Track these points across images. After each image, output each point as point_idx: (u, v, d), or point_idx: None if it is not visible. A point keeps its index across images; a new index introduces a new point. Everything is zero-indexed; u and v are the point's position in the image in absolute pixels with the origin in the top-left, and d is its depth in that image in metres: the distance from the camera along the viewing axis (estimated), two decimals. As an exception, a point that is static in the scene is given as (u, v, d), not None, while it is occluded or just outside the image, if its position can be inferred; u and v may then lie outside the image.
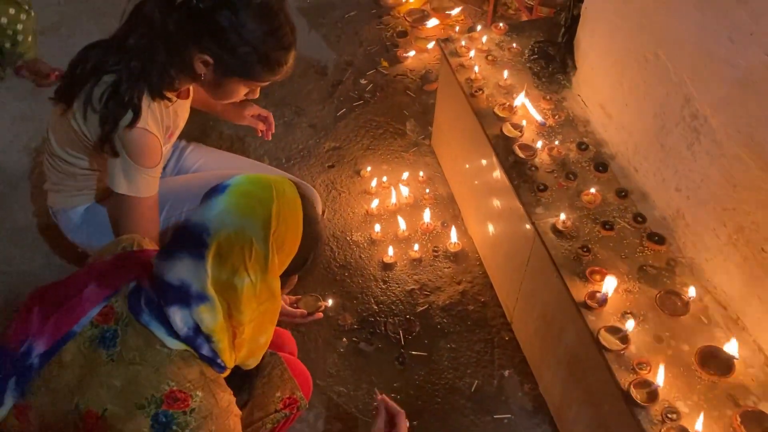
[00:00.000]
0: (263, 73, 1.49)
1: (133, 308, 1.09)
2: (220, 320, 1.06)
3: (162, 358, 1.06)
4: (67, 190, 1.75)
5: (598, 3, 1.96)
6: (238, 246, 1.05)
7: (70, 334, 1.09)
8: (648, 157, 1.80)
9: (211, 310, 1.05)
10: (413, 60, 3.04)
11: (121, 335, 1.07)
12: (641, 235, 1.74)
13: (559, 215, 1.76)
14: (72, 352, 1.08)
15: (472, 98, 2.11)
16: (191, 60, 1.46)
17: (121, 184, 1.53)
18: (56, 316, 1.11)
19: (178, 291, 1.05)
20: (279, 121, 2.73)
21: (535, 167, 1.89)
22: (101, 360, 1.06)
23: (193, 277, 1.05)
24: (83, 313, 1.10)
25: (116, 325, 1.08)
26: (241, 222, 1.06)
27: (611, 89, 1.93)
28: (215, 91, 1.55)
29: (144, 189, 1.56)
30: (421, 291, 2.17)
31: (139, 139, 1.48)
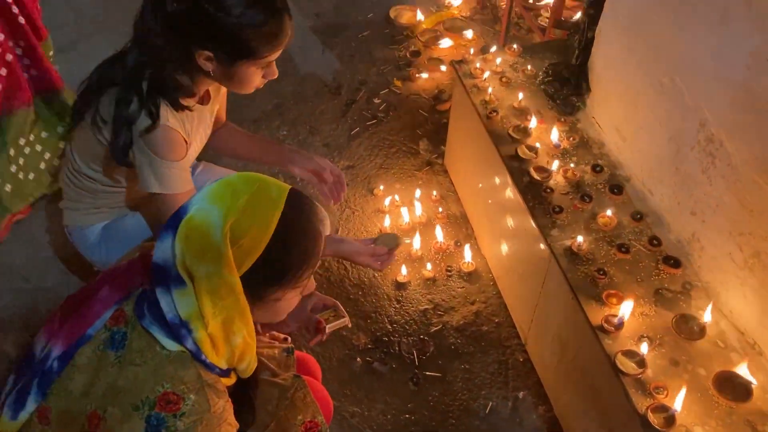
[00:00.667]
0: (263, 48, 1.44)
1: (138, 311, 1.10)
2: (195, 308, 1.04)
3: (160, 359, 1.06)
4: (85, 207, 1.76)
5: (612, 26, 1.98)
6: (199, 231, 1.04)
7: (85, 337, 1.11)
8: (663, 180, 1.81)
9: (187, 294, 1.04)
10: (426, 80, 3.06)
11: (128, 337, 1.09)
12: (657, 258, 1.75)
13: (574, 238, 1.77)
14: (87, 354, 1.09)
15: (486, 120, 2.12)
16: (195, 60, 1.46)
17: (152, 183, 1.53)
18: (72, 319, 1.14)
19: (161, 272, 1.06)
20: (293, 140, 2.76)
21: (550, 189, 1.90)
22: (109, 361, 1.08)
23: (172, 257, 1.05)
24: (97, 317, 1.12)
25: (125, 327, 1.10)
26: (207, 206, 1.06)
27: (626, 112, 1.94)
28: (231, 83, 1.54)
29: (176, 184, 1.54)
30: (435, 311, 2.18)
31: (160, 134, 1.48)
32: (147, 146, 1.48)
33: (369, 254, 1.67)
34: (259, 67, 1.50)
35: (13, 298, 2.16)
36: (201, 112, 1.65)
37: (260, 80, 1.55)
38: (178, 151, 1.53)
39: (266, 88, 2.89)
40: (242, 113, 2.85)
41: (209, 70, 1.47)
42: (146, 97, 1.46)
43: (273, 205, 1.08)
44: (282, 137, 2.76)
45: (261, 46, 1.44)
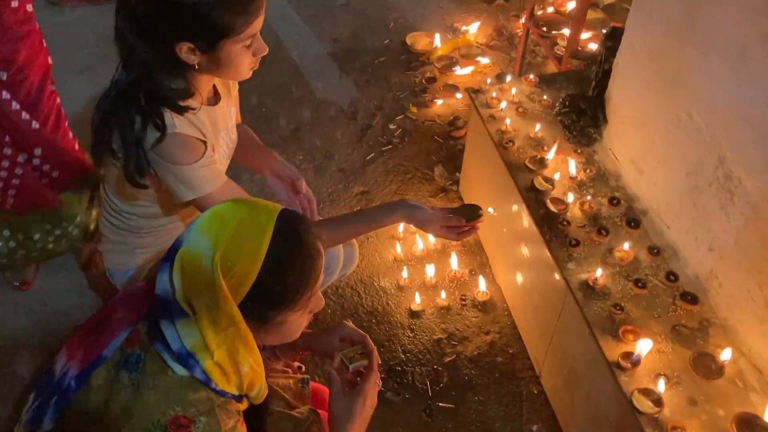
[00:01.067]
0: (238, 21, 1.37)
1: (151, 335, 1.10)
2: (199, 339, 1.05)
3: (171, 383, 1.07)
4: (129, 249, 1.72)
5: (629, 59, 1.98)
6: (192, 264, 1.04)
7: (101, 358, 1.11)
8: (680, 215, 1.80)
9: (190, 325, 1.05)
10: (441, 106, 3.08)
11: (143, 360, 1.09)
12: (674, 294, 1.74)
13: (591, 272, 1.77)
14: (102, 376, 1.10)
15: (502, 150, 2.13)
16: (179, 58, 1.41)
17: (184, 191, 1.49)
18: (89, 340, 1.14)
19: (164, 303, 1.06)
20: (309, 165, 2.78)
21: (566, 221, 1.90)
22: (123, 384, 1.08)
23: (171, 289, 1.06)
24: (112, 338, 1.12)
25: (140, 349, 1.10)
26: (198, 238, 1.06)
27: (643, 145, 1.94)
28: (223, 70, 1.48)
29: (206, 184, 1.50)
30: (449, 340, 2.17)
31: (170, 142, 1.44)
32: (163, 159, 1.45)
33: (443, 224, 1.58)
34: (243, 45, 1.43)
35: (29, 320, 2.18)
36: (212, 112, 1.60)
37: (251, 59, 1.49)
38: (195, 152, 1.48)
39: (283, 113, 2.98)
40: (259, 138, 2.86)
41: (195, 62, 1.42)
42: (147, 112, 1.42)
43: (261, 231, 1.07)
44: (298, 162, 2.78)
45: (235, 20, 1.37)
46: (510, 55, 3.36)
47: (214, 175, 1.51)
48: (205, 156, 1.48)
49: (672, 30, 1.75)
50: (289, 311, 1.12)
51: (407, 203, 1.60)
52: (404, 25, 3.60)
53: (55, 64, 2.06)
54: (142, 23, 1.37)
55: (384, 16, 3.68)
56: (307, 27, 3.58)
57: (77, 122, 2.23)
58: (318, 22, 3.62)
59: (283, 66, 3.29)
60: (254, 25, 1.41)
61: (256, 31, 1.44)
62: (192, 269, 1.04)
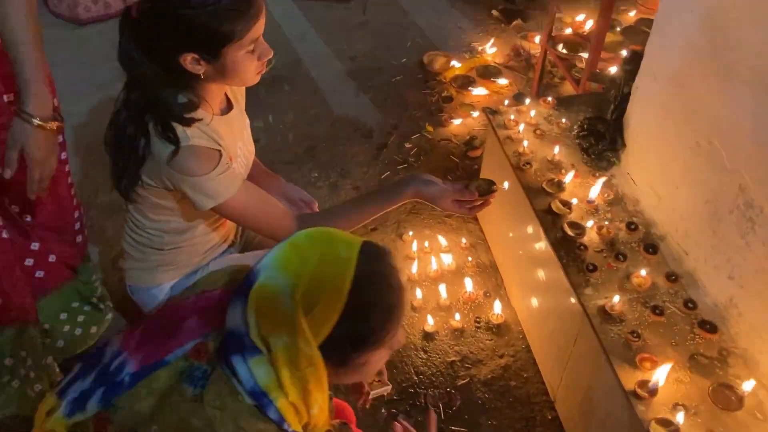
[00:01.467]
0: (238, 26, 1.37)
1: (221, 354, 1.06)
2: (273, 378, 1.00)
3: (242, 409, 1.02)
4: (152, 266, 1.72)
5: (649, 84, 1.97)
6: (269, 300, 1.00)
7: (163, 362, 1.07)
8: (699, 242, 1.78)
9: (264, 364, 1.00)
10: (458, 125, 3.08)
11: (211, 376, 1.04)
12: (692, 322, 1.71)
13: (608, 297, 1.75)
14: (162, 380, 1.06)
15: (519, 172, 2.12)
16: (185, 69, 1.41)
17: (204, 201, 1.48)
18: (153, 341, 1.11)
19: (236, 339, 1.02)
20: (324, 183, 2.78)
21: (584, 246, 1.88)
22: (185, 396, 1.04)
23: (244, 325, 1.01)
24: (179, 345, 1.08)
25: (207, 364, 1.06)
26: (275, 274, 1.02)
27: (662, 170, 1.93)
28: (229, 77, 1.47)
29: (225, 189, 1.49)
30: (463, 363, 2.15)
31: (185, 155, 1.44)
32: (179, 172, 1.45)
33: (455, 198, 1.55)
34: (246, 50, 1.43)
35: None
36: (226, 121, 1.60)
37: (257, 64, 1.48)
38: (211, 162, 1.47)
39: (299, 131, 2.99)
40: (275, 155, 2.89)
41: (201, 72, 1.42)
42: (158, 129, 1.43)
43: (343, 266, 1.01)
44: (313, 180, 2.78)
45: (234, 25, 1.37)
46: (527, 76, 3.36)
47: (231, 182, 1.51)
48: (220, 164, 1.48)
49: (693, 55, 1.74)
50: (374, 350, 1.06)
51: (419, 177, 1.56)
52: (422, 45, 3.62)
53: (75, 79, 2.06)
54: (145, 38, 1.38)
55: (402, 35, 3.71)
56: (325, 45, 3.61)
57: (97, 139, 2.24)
58: (336, 40, 3.64)
59: (300, 84, 3.31)
60: (255, 29, 1.41)
61: (258, 35, 1.44)
62: (269, 307, 1.00)
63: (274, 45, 1.49)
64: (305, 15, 3.85)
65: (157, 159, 1.44)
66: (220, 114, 1.58)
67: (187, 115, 1.45)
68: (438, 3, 4.01)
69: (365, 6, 3.93)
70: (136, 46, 1.39)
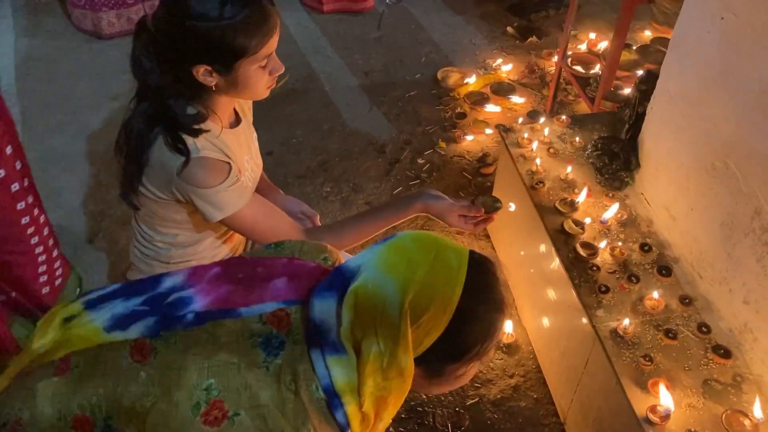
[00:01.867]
0: (252, 41, 1.39)
1: (309, 335, 1.00)
2: (352, 380, 0.96)
3: (314, 401, 0.97)
4: None
5: (664, 104, 1.96)
6: (371, 303, 0.95)
7: (235, 312, 1.01)
8: (714, 265, 1.76)
9: (345, 365, 0.96)
10: (471, 142, 3.07)
11: (287, 349, 0.99)
12: (706, 346, 1.69)
13: (620, 320, 1.73)
14: (229, 330, 1.00)
15: (532, 191, 2.11)
16: (197, 80, 1.42)
17: (213, 212, 1.49)
18: (233, 287, 1.05)
19: (318, 332, 0.98)
20: (336, 197, 2.78)
21: (596, 267, 1.86)
22: (255, 361, 0.98)
23: (333, 321, 0.97)
24: (259, 301, 1.03)
25: (285, 335, 1.00)
26: (382, 278, 0.97)
27: (676, 192, 1.91)
28: (240, 90, 1.48)
29: (234, 202, 1.50)
30: (472, 382, 2.13)
31: (195, 167, 1.44)
32: (189, 183, 1.45)
33: (461, 214, 1.57)
34: (259, 65, 1.44)
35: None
36: (234, 135, 1.60)
37: (268, 78, 1.49)
38: (221, 174, 1.48)
39: (312, 145, 3.00)
40: (288, 168, 2.89)
41: (213, 84, 1.44)
42: (168, 140, 1.43)
43: (454, 277, 0.97)
44: (325, 194, 2.78)
45: (249, 40, 1.39)
46: (542, 93, 3.35)
47: (241, 194, 1.52)
48: (230, 176, 1.49)
49: (709, 76, 1.73)
50: (471, 363, 1.03)
51: (428, 193, 1.59)
52: (436, 60, 3.62)
53: (91, 90, 2.07)
54: (159, 48, 1.39)
55: (416, 50, 3.71)
56: (339, 59, 3.62)
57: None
58: (351, 54, 3.66)
59: (314, 98, 3.32)
60: (269, 45, 1.43)
61: (272, 50, 1.45)
62: (371, 310, 0.95)
63: (289, 58, 1.51)
64: (320, 29, 3.87)
65: (167, 170, 1.44)
66: (229, 127, 1.59)
67: (196, 126, 1.46)
68: (453, 19, 4.02)
69: (380, 21, 3.94)
70: (149, 56, 1.40)
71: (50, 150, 2.94)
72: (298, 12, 4.05)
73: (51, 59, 3.55)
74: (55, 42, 3.68)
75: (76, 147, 2.95)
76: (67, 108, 3.17)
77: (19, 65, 3.49)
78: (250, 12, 1.37)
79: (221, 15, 1.34)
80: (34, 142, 2.97)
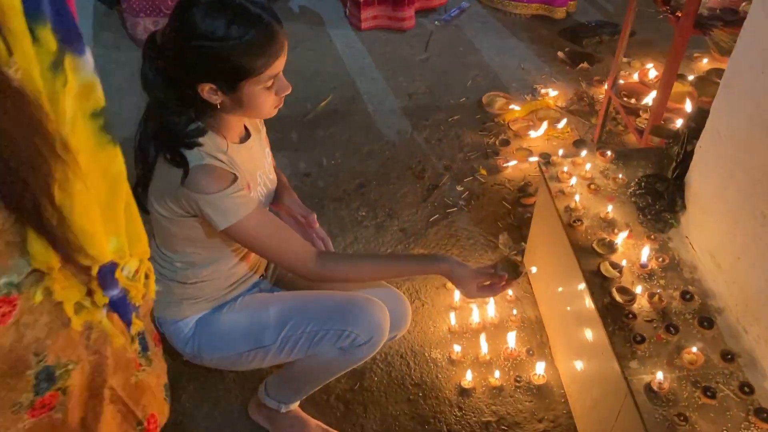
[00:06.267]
0: (257, 63, 1.40)
1: None
2: None
3: None
4: (177, 300, 1.72)
5: (713, 144, 1.85)
6: None
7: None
8: (760, 319, 1.65)
9: None
10: (513, 170, 2.99)
11: None
12: (748, 408, 1.57)
13: (655, 374, 1.62)
14: None
15: (569, 228, 2.02)
16: (202, 98, 1.43)
17: (218, 220, 1.48)
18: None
19: None
20: (370, 223, 2.73)
21: (632, 315, 1.76)
22: None
23: None
24: None
25: None
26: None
27: (722, 238, 1.80)
28: (245, 109, 1.49)
29: (237, 210, 1.48)
30: (499, 425, 2.05)
31: (197, 173, 1.45)
32: (193, 191, 1.46)
33: (483, 282, 1.60)
34: (263, 86, 1.45)
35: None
36: (243, 150, 1.61)
37: (274, 98, 1.50)
38: (223, 181, 1.47)
39: (351, 167, 2.96)
40: (324, 192, 2.87)
41: (218, 102, 1.45)
42: (166, 155, 1.46)
43: None
44: (360, 218, 2.74)
45: (254, 62, 1.39)
46: (590, 122, 3.25)
47: (245, 202, 1.51)
48: (233, 185, 1.49)
49: (760, 119, 1.62)
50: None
51: (455, 259, 1.61)
52: (482, 84, 3.56)
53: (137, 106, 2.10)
54: (166, 65, 1.42)
55: (463, 73, 3.66)
56: (384, 81, 3.59)
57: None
58: (395, 76, 3.63)
59: (356, 119, 3.30)
60: (274, 67, 1.43)
61: (277, 71, 1.46)
62: None
63: (335, 79, 1.50)
64: (368, 49, 3.86)
65: (172, 182, 1.47)
66: (238, 142, 1.60)
67: (194, 140, 1.47)
68: (502, 42, 3.95)
69: (428, 43, 3.90)
70: (157, 72, 1.43)
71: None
72: (346, 30, 4.05)
73: (104, 72, 3.62)
74: (110, 54, 3.77)
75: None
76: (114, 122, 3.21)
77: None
78: (257, 33, 1.38)
79: (227, 35, 1.35)
80: (79, 154, 3.02)
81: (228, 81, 1.42)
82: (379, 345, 1.72)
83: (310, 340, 1.68)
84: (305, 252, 1.58)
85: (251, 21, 1.37)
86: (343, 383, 2.13)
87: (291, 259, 1.58)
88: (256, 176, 1.65)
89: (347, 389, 2.13)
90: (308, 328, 1.68)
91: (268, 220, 1.56)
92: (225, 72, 1.40)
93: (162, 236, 1.66)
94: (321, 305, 1.72)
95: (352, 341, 1.66)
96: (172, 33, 1.39)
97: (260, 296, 1.82)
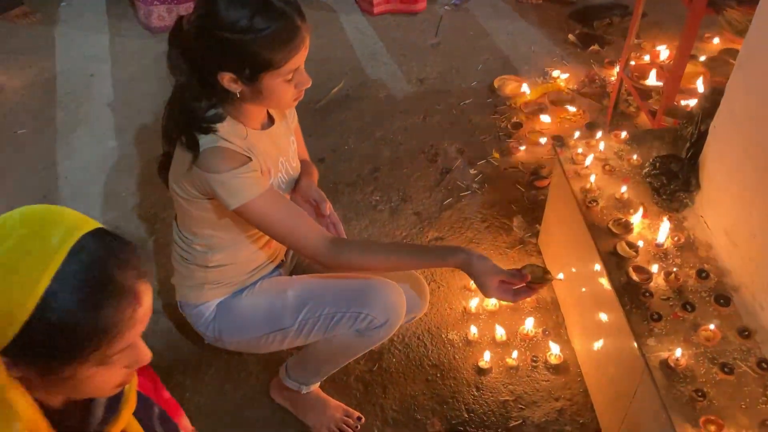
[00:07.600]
0: (279, 56, 1.41)
1: None
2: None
3: None
4: (198, 283, 1.74)
5: (728, 124, 1.86)
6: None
7: None
8: (777, 296, 1.66)
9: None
10: (525, 153, 3.00)
11: None
12: (765, 383, 1.59)
13: (672, 351, 1.65)
14: None
15: (585, 209, 2.04)
16: (222, 86, 1.45)
17: (229, 200, 1.49)
18: None
19: None
20: (385, 207, 2.76)
21: (649, 293, 1.78)
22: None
23: None
24: None
25: None
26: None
27: (738, 216, 1.81)
28: (264, 100, 1.51)
29: (247, 190, 1.49)
30: (516, 404, 2.08)
31: (208, 153, 1.48)
32: (205, 171, 1.48)
33: (503, 280, 1.49)
34: (283, 78, 1.46)
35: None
36: (264, 137, 1.63)
37: (294, 91, 1.51)
38: (233, 161, 1.49)
39: (364, 152, 2.98)
40: (338, 176, 2.89)
41: (237, 91, 1.46)
42: (183, 139, 1.50)
43: (45, 257, 0.85)
44: (374, 202, 2.77)
45: (276, 54, 1.41)
46: (602, 104, 3.25)
47: (257, 183, 1.51)
48: (245, 166, 1.50)
49: (777, 98, 1.63)
50: (70, 366, 0.89)
51: (475, 252, 1.52)
52: (493, 68, 3.56)
53: (154, 92, 2.13)
54: (190, 51, 1.45)
55: (473, 57, 3.66)
56: (395, 66, 3.60)
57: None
58: (407, 61, 3.63)
59: (368, 105, 3.31)
60: (294, 60, 1.45)
61: (298, 65, 1.47)
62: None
63: (345, 64, 1.52)
64: (378, 35, 3.86)
65: (186, 162, 1.50)
66: (260, 128, 1.62)
67: (210, 125, 1.50)
68: (513, 25, 3.95)
69: (438, 27, 3.90)
70: (182, 57, 1.46)
71: (108, 151, 3.02)
72: (356, 15, 4.05)
73: (116, 60, 3.65)
74: (123, 43, 3.79)
75: (133, 149, 3.02)
76: (127, 111, 3.25)
77: (87, 66, 3.61)
78: (279, 26, 1.39)
79: (250, 27, 1.37)
80: (94, 143, 3.06)
81: (248, 72, 1.43)
82: (396, 327, 1.75)
83: (327, 322, 1.71)
84: (317, 237, 1.57)
85: (274, 14, 1.38)
86: (362, 365, 2.16)
87: (302, 243, 1.58)
88: (278, 163, 1.67)
89: (366, 370, 2.16)
90: (325, 310, 1.70)
91: (280, 203, 1.57)
92: (245, 63, 1.42)
93: (181, 218, 1.70)
94: (338, 288, 1.74)
95: (369, 323, 1.69)
96: (197, 20, 1.41)
97: (278, 280, 1.85)
